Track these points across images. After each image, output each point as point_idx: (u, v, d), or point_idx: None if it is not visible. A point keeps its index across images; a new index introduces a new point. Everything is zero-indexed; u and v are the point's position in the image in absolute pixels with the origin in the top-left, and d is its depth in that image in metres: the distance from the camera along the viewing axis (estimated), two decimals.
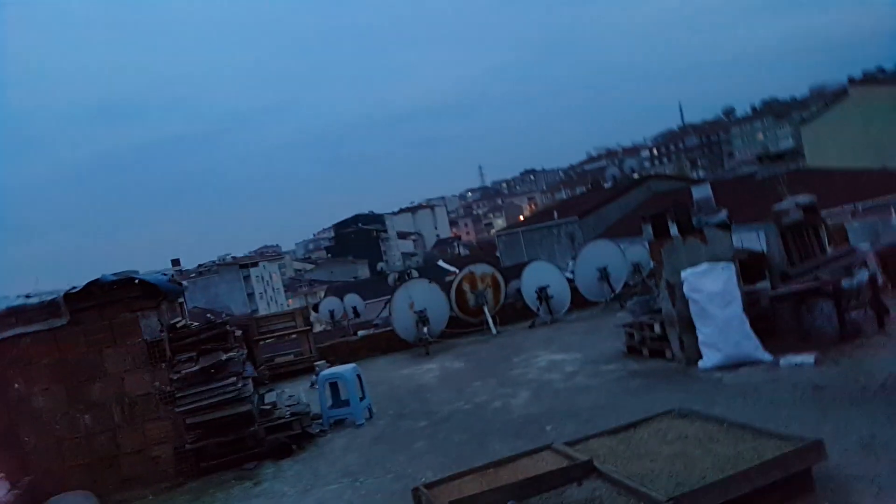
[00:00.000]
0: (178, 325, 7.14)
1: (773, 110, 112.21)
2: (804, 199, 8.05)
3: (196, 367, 6.73)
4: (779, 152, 30.94)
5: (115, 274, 7.01)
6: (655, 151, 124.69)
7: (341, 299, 21.84)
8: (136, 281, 7.01)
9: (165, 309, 7.17)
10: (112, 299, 6.92)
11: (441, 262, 58.74)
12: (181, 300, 7.78)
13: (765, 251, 7.94)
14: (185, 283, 9.07)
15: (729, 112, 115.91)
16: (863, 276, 6.95)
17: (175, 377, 6.77)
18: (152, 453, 6.91)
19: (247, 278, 73.28)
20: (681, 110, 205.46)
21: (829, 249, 8.02)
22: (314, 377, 10.03)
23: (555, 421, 6.36)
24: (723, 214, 7.61)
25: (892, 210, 10.09)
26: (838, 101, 38.00)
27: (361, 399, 7.99)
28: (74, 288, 6.93)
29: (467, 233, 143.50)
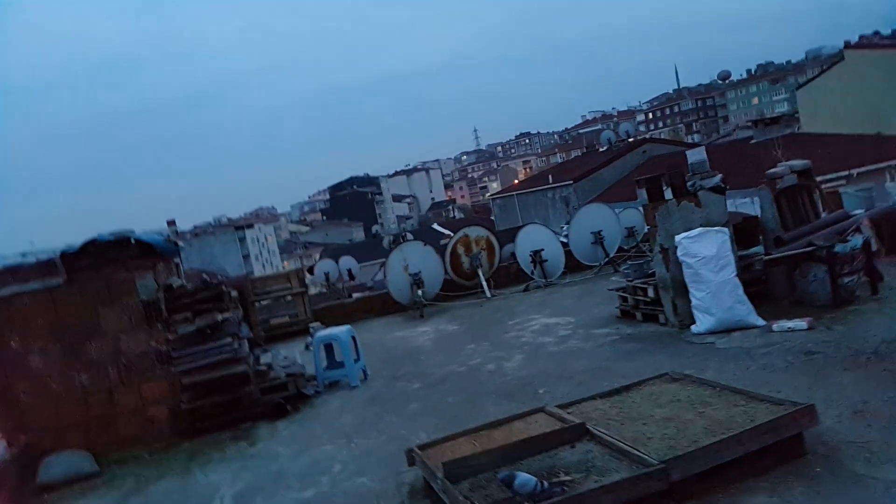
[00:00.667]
0: (175, 286, 7.12)
1: (769, 74, 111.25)
2: (798, 163, 8.02)
3: (192, 328, 6.74)
4: (774, 117, 30.74)
5: (111, 233, 6.95)
6: (651, 115, 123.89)
7: (336, 262, 21.86)
8: (133, 240, 6.96)
9: (161, 269, 7.14)
10: (108, 259, 6.88)
11: (436, 226, 58.73)
12: (177, 260, 7.74)
13: (759, 216, 7.94)
14: (180, 243, 9.01)
15: (725, 76, 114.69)
16: (857, 241, 6.96)
17: (171, 337, 6.79)
18: (148, 413, 6.95)
19: (242, 240, 73.12)
20: (676, 74, 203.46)
21: (823, 214, 8.03)
22: (309, 339, 10.08)
23: (548, 384, 6.42)
24: (717, 178, 7.59)
25: (887, 175, 10.07)
26: (834, 65, 37.64)
27: (356, 361, 8.04)
28: (71, 247, 6.88)
29: (462, 196, 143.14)
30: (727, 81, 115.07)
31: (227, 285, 7.69)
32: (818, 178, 9.15)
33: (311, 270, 22.05)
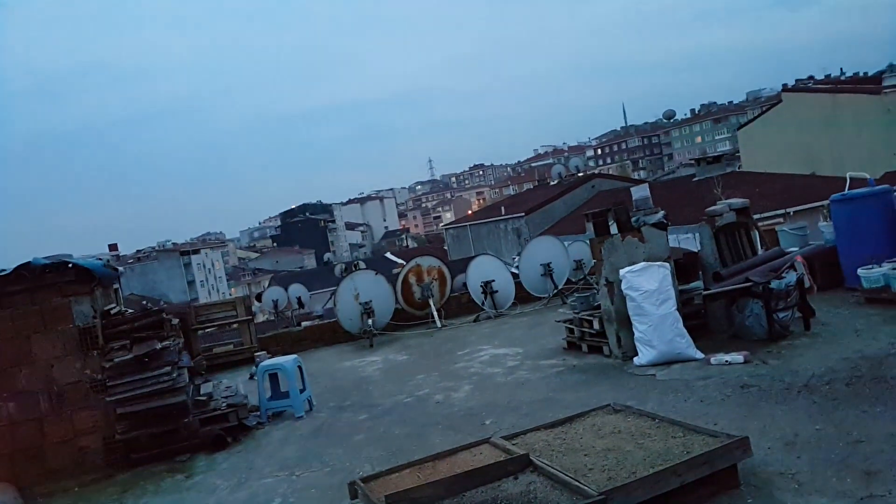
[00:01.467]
0: (113, 312, 6.90)
1: (712, 114, 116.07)
2: (737, 201, 8.36)
3: (129, 356, 6.52)
4: (716, 155, 32.01)
5: (47, 258, 6.72)
6: (599, 151, 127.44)
7: (286, 289, 21.54)
8: (70, 265, 6.74)
9: (99, 295, 6.92)
10: (43, 283, 6.63)
11: (389, 254, 58.60)
12: (116, 286, 7.51)
13: (699, 251, 8.21)
14: (122, 268, 8.78)
15: (670, 115, 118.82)
16: (791, 278, 7.25)
17: (107, 365, 6.55)
18: (80, 444, 6.66)
19: (188, 266, 71.42)
20: (624, 112, 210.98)
21: (760, 251, 8.36)
22: (253, 368, 9.86)
23: (495, 414, 6.44)
24: (660, 215, 7.82)
25: (820, 215, 10.56)
26: (773, 107, 39.48)
27: (302, 391, 7.89)
28: (3, 271, 6.62)
29: (416, 225, 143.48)
30: (672, 120, 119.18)
31: (168, 312, 7.49)
32: (756, 216, 9.55)
33: (259, 298, 21.67)
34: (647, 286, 7.08)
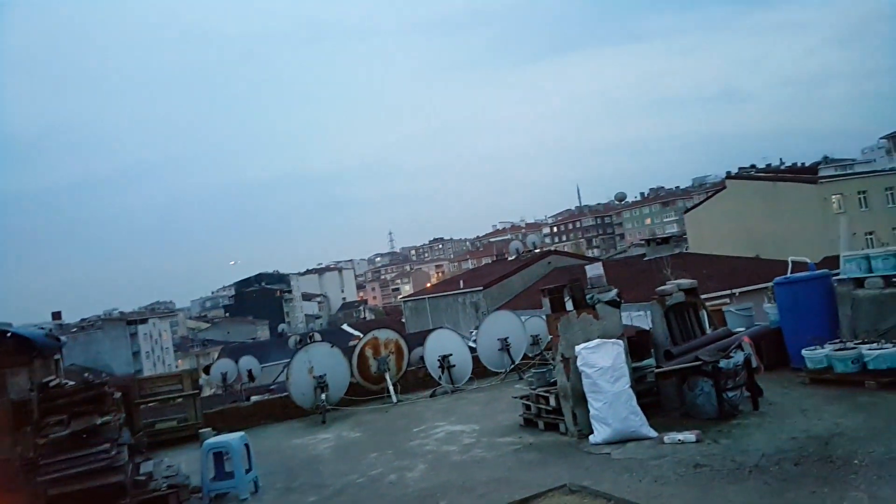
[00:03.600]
0: (51, 385, 6.59)
1: (661, 198, 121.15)
2: (686, 282, 8.64)
3: (66, 432, 6.19)
4: (665, 237, 33.18)
5: None
6: (555, 229, 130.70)
7: (236, 361, 20.93)
8: (8, 334, 6.47)
9: (38, 366, 6.63)
10: None
11: (346, 326, 57.85)
12: (57, 357, 7.20)
13: (650, 329, 8.39)
14: (64, 338, 8.43)
15: (621, 197, 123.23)
16: (739, 357, 7.45)
17: (41, 442, 6.19)
18: None
19: (134, 336, 69.06)
20: (578, 192, 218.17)
21: (708, 330, 8.58)
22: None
23: (450, 496, 6.29)
24: (613, 293, 8.00)
25: (765, 297, 10.94)
26: (717, 192, 41.44)
27: (248, 471, 7.57)
28: None
29: (374, 297, 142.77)
30: (623, 202, 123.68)
31: (110, 385, 7.19)
32: (703, 297, 9.84)
33: (207, 370, 21.00)
34: (602, 363, 7.16)
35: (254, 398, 14.47)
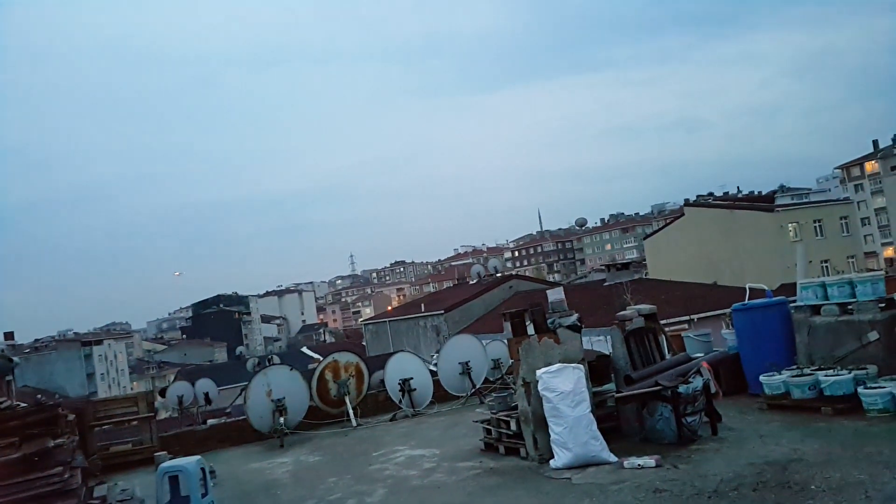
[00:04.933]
0: (3, 406, 6.38)
1: (620, 224, 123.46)
2: (645, 307, 8.81)
3: (17, 454, 5.99)
4: (624, 262, 33.76)
5: None
6: (517, 253, 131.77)
7: (193, 384, 20.48)
8: None
9: None
10: None
11: (306, 349, 57.06)
12: (9, 378, 6.97)
13: (611, 354, 8.51)
14: (17, 359, 8.15)
15: (582, 223, 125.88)
16: (698, 383, 7.60)
17: None
18: None
19: (88, 357, 66.97)
20: (539, 217, 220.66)
21: (668, 356, 8.75)
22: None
23: None
24: (574, 317, 8.12)
25: (723, 323, 11.22)
26: (676, 219, 42.31)
27: (203, 495, 7.38)
28: None
29: (335, 320, 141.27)
30: (583, 228, 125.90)
31: (63, 407, 6.98)
32: (662, 322, 10.05)
33: (163, 393, 20.49)
34: (563, 387, 7.24)
35: (210, 421, 14.15)
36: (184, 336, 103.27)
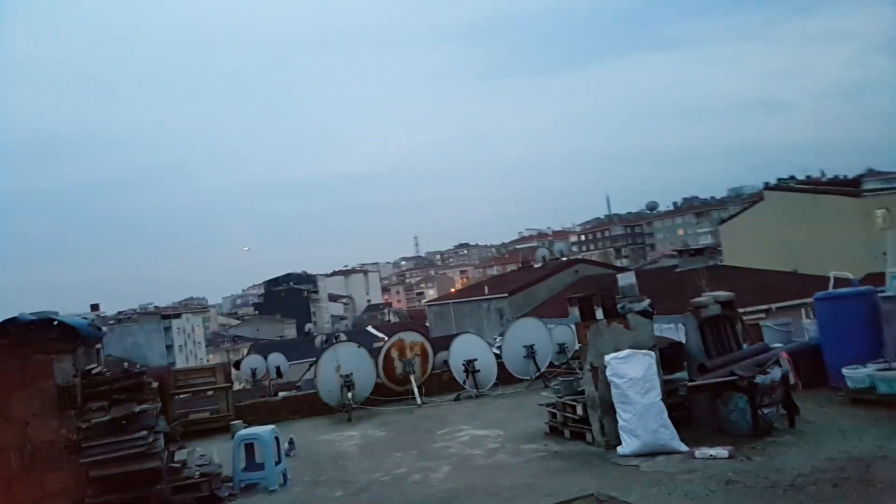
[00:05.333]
0: (93, 372, 6.79)
1: (694, 208, 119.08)
2: (723, 294, 8.52)
3: (107, 417, 6.37)
4: (698, 248, 32.59)
5: (33, 314, 6.66)
6: (583, 237, 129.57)
7: (265, 358, 21.25)
8: (55, 323, 6.68)
9: (81, 354, 6.83)
10: (27, 339, 6.54)
11: (370, 328, 58.16)
12: (99, 346, 7.41)
13: (683, 342, 8.29)
14: (104, 329, 8.67)
15: (652, 206, 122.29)
16: (776, 374, 7.32)
17: (84, 426, 6.39)
18: None
19: (167, 329, 70.40)
20: (608, 201, 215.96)
21: (744, 345, 8.45)
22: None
23: (474, 498, 6.31)
24: (646, 303, 7.95)
25: (803, 312, 10.75)
26: (755, 203, 40.47)
27: (277, 463, 7.70)
28: None
29: (399, 300, 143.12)
30: (654, 212, 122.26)
31: (148, 375, 7.37)
32: (739, 310, 9.71)
33: (237, 365, 21.30)
34: (633, 374, 7.12)
35: (282, 394, 14.69)
36: (256, 312, 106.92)
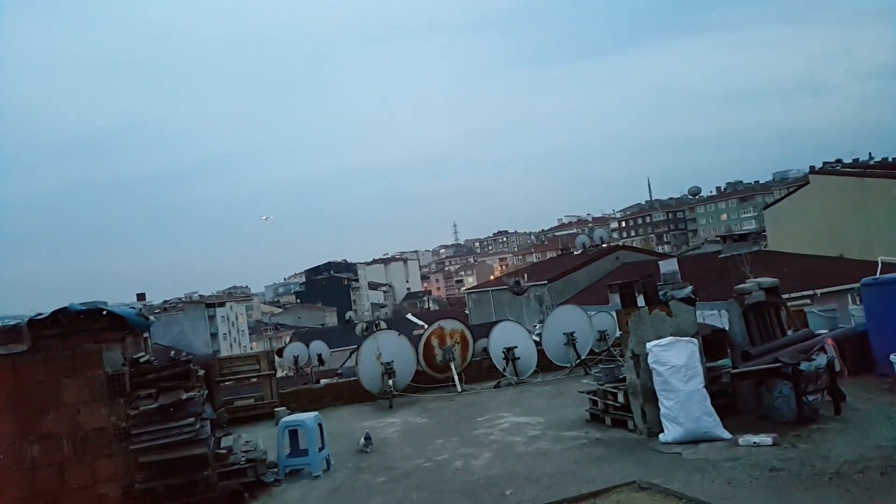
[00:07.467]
0: (141, 360, 7.01)
1: (738, 193, 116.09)
2: (767, 280, 8.33)
3: (155, 405, 6.58)
4: (742, 233, 31.76)
5: (83, 304, 6.89)
6: (624, 223, 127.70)
7: (307, 345, 21.57)
8: (104, 312, 6.90)
9: (130, 343, 7.04)
10: (77, 329, 6.77)
11: (410, 316, 58.53)
12: (146, 335, 7.64)
13: (727, 329, 8.14)
14: (151, 318, 8.92)
15: (695, 192, 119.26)
16: (821, 360, 7.15)
17: (133, 413, 6.61)
18: (100, 491, 6.65)
19: (212, 318, 72.06)
20: (649, 186, 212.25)
21: (789, 332, 8.26)
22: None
23: (515, 485, 6.33)
24: (688, 290, 7.83)
25: (849, 298, 10.45)
26: (800, 188, 39.32)
27: (321, 449, 7.85)
28: (40, 314, 6.79)
29: (438, 288, 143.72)
30: (697, 197, 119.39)
31: (194, 363, 7.57)
32: (784, 297, 9.48)
33: (280, 353, 21.68)
34: (675, 361, 7.03)
35: (324, 381, 14.92)
36: (297, 300, 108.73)
